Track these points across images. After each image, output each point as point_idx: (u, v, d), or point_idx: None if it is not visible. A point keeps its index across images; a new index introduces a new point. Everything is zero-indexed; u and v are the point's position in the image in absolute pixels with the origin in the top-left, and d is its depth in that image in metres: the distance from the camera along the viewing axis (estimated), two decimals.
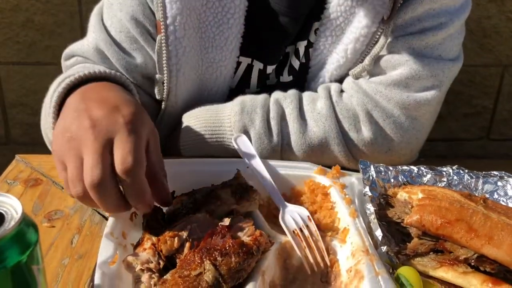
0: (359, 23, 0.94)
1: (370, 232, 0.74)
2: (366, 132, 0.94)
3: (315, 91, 0.99)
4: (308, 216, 0.76)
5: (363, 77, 0.97)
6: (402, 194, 0.79)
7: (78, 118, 0.70)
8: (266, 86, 1.04)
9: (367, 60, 0.95)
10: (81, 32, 1.63)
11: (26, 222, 0.51)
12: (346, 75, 1.00)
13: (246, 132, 0.93)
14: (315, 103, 0.95)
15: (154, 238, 0.67)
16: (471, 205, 0.71)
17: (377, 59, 0.94)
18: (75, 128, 0.69)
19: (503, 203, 0.82)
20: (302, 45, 1.02)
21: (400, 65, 0.93)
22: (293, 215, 0.76)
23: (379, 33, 0.94)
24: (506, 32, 1.79)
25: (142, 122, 0.71)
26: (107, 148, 0.66)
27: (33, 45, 1.66)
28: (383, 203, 0.81)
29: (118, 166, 0.65)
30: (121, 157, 0.65)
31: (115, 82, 0.85)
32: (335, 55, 0.99)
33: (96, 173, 0.64)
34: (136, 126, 0.69)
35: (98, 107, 0.71)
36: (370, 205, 0.76)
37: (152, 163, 0.70)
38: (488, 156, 2.00)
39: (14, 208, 0.50)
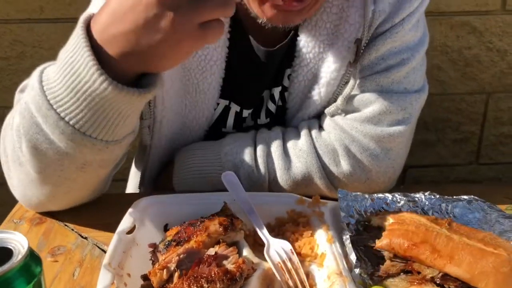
0: (328, 68, 1.01)
1: (346, 256, 0.80)
2: (345, 165, 1.01)
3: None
4: (291, 250, 0.82)
5: (339, 115, 1.03)
6: (375, 220, 0.86)
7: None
8: (242, 128, 1.11)
9: (339, 100, 1.01)
10: None
11: (31, 256, 0.58)
12: (323, 113, 1.06)
13: (235, 170, 0.99)
14: (297, 140, 1.02)
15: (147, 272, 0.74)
16: (436, 228, 0.78)
17: (350, 98, 1.01)
18: None
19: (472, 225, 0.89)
20: (277, 91, 1.09)
21: (372, 103, 0.99)
22: (277, 248, 0.82)
23: (348, 75, 1.01)
24: (486, 61, 1.86)
25: None
26: None
27: None
28: (361, 229, 0.87)
29: None
30: None
31: None
32: (310, 97, 1.05)
33: None
34: None
35: None
36: (347, 231, 0.83)
37: None
38: (478, 180, 2.05)
39: (21, 243, 0.58)
